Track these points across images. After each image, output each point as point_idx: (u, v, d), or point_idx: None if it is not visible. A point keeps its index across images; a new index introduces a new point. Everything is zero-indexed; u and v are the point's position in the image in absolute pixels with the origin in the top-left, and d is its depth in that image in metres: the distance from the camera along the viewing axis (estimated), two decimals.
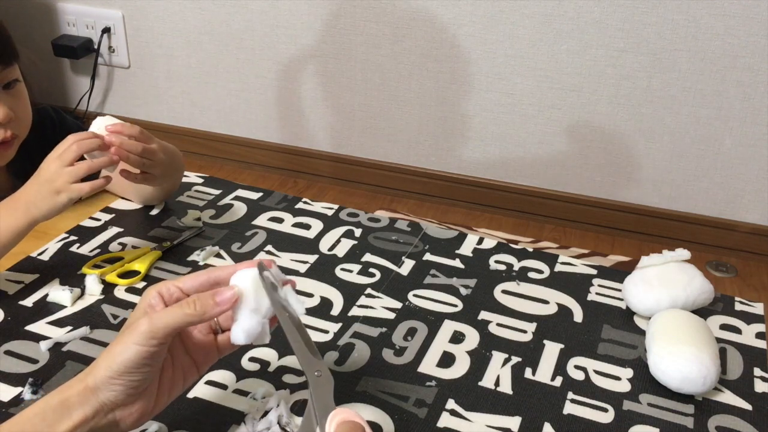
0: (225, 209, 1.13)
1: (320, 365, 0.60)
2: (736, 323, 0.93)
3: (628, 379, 0.82)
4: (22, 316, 0.86)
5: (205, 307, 0.58)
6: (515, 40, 1.23)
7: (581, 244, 1.17)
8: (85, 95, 1.68)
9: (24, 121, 1.01)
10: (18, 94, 0.99)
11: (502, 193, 1.34)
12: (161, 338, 0.57)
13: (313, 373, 0.59)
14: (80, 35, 1.64)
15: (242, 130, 1.52)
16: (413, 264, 1.01)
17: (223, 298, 0.59)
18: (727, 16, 1.11)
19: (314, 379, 0.59)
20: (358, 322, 0.89)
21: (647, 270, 0.92)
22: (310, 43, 1.38)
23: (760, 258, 1.20)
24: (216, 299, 0.59)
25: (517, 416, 0.76)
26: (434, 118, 1.35)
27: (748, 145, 1.19)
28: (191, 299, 0.59)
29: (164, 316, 0.57)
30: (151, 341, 0.57)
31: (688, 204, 1.26)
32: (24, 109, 1.00)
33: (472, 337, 0.87)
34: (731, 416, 0.77)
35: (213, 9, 1.44)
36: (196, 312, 0.58)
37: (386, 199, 1.31)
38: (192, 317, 0.58)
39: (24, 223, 0.87)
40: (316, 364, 0.60)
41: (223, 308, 0.59)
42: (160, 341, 0.57)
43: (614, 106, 1.23)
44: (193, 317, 0.58)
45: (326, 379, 0.59)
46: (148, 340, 0.56)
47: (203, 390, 0.76)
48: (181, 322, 0.58)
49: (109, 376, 0.57)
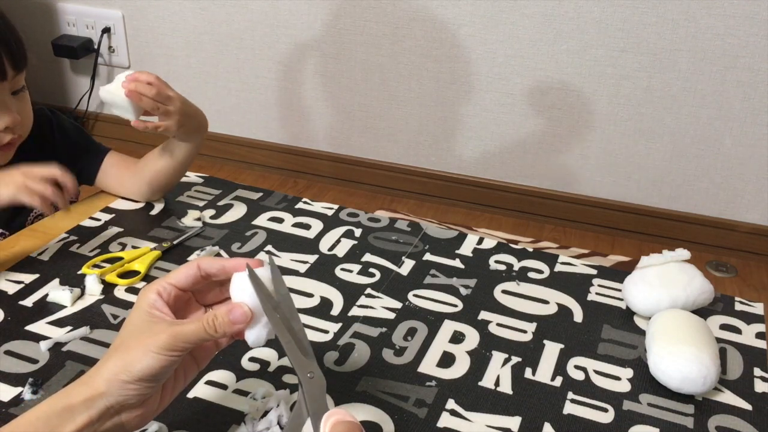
0: (225, 209, 1.13)
1: (312, 366, 0.59)
2: (736, 323, 0.93)
3: (628, 379, 0.82)
4: (22, 316, 0.86)
5: (224, 327, 0.60)
6: (515, 40, 1.23)
7: (581, 244, 1.17)
8: (85, 95, 1.68)
9: (27, 124, 1.02)
10: (24, 98, 1.00)
11: (502, 193, 1.34)
12: (181, 351, 0.58)
13: (306, 375, 0.59)
14: (80, 35, 1.64)
15: (242, 130, 1.52)
16: (413, 264, 1.01)
17: (236, 317, 0.61)
18: (727, 16, 1.11)
19: (307, 380, 0.58)
20: (358, 322, 0.89)
21: (647, 270, 0.92)
22: (310, 43, 1.38)
23: (760, 258, 1.20)
24: (231, 318, 0.61)
25: (517, 416, 0.76)
26: (434, 118, 1.35)
27: (748, 145, 1.18)
28: (211, 318, 0.60)
29: (187, 332, 0.59)
30: (172, 353, 0.58)
31: (688, 204, 1.26)
32: (28, 113, 1.02)
33: (472, 337, 0.87)
34: (731, 416, 0.77)
35: (213, 9, 1.44)
36: (217, 333, 0.60)
37: (386, 199, 1.31)
38: (212, 336, 0.60)
39: None
40: (309, 365, 0.59)
41: (239, 327, 0.61)
42: (180, 353, 0.58)
43: (614, 106, 1.23)
44: (213, 336, 0.60)
45: (319, 380, 0.59)
46: (168, 352, 0.58)
47: (203, 390, 0.76)
48: (202, 340, 0.60)
49: (125, 381, 0.57)
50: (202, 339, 0.60)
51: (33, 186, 0.88)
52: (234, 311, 0.61)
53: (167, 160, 1.08)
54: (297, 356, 0.60)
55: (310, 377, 0.59)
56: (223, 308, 0.61)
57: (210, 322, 0.60)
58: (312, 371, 0.59)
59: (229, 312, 0.61)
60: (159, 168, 1.08)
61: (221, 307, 0.62)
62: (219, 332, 0.60)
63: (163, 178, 1.10)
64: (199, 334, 0.59)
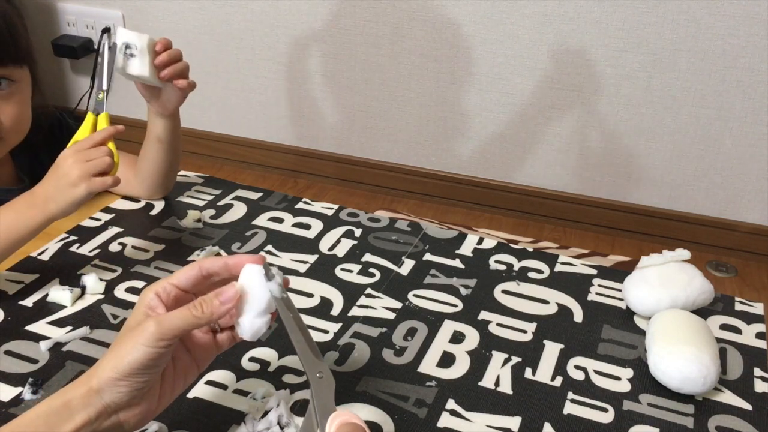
0: (225, 209, 1.13)
1: (322, 367, 0.60)
2: (736, 323, 0.93)
3: (628, 379, 0.82)
4: (22, 316, 0.86)
5: (212, 308, 0.59)
6: (515, 40, 1.23)
7: (581, 244, 1.17)
8: (85, 95, 1.67)
9: (11, 125, 0.95)
10: (7, 96, 0.94)
11: (502, 193, 1.34)
12: (169, 340, 0.57)
13: (315, 375, 0.59)
14: (80, 35, 1.63)
15: (242, 130, 1.52)
16: (413, 264, 1.01)
17: (227, 296, 0.60)
18: (727, 16, 1.11)
19: (316, 380, 0.59)
20: (358, 322, 0.89)
21: (647, 270, 0.92)
22: (310, 43, 1.38)
23: (760, 258, 1.20)
24: (220, 299, 0.59)
25: (517, 416, 0.76)
26: (434, 118, 1.35)
27: (748, 145, 1.18)
28: (197, 302, 0.59)
29: (172, 318, 0.58)
30: (159, 343, 0.57)
31: (688, 204, 1.26)
32: (11, 114, 0.95)
33: (472, 337, 0.87)
34: (731, 416, 0.77)
35: (213, 9, 1.44)
36: (204, 314, 0.58)
37: (386, 199, 1.31)
38: (200, 320, 0.58)
39: (42, 219, 0.87)
40: (318, 365, 0.60)
41: (228, 307, 0.60)
42: (168, 343, 0.57)
43: (614, 106, 1.23)
44: (200, 319, 0.58)
45: (328, 381, 0.59)
46: (156, 342, 0.57)
47: (203, 390, 0.76)
48: (189, 325, 0.58)
49: (115, 378, 0.57)
50: (190, 323, 0.58)
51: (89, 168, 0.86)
52: (224, 291, 0.60)
53: (158, 147, 1.06)
54: (308, 356, 0.60)
55: (319, 377, 0.59)
56: (212, 291, 0.60)
57: (197, 305, 0.59)
58: (321, 371, 0.59)
59: (217, 294, 0.60)
60: (154, 157, 1.07)
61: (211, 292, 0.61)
62: (206, 313, 0.59)
63: (162, 168, 1.09)
64: (187, 319, 0.58)
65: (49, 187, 0.87)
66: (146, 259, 0.99)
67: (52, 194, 0.86)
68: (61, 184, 0.86)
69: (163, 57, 0.96)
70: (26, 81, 0.97)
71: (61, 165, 0.87)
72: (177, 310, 0.59)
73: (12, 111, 0.95)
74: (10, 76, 0.94)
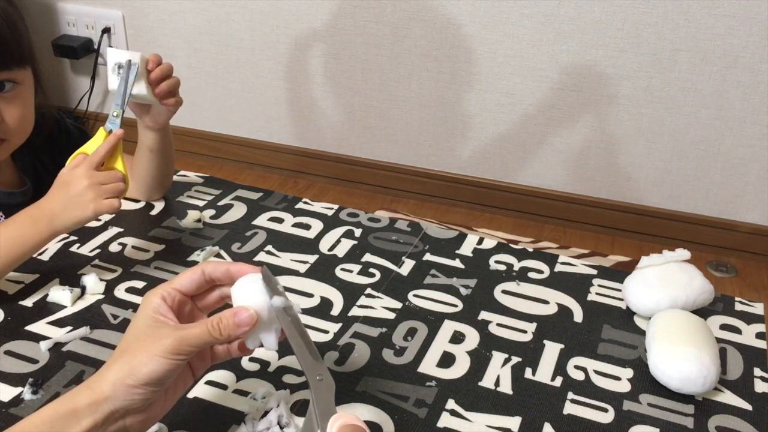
0: (225, 209, 1.13)
1: (322, 369, 0.60)
2: (736, 323, 0.93)
3: (628, 379, 0.82)
4: (22, 316, 0.86)
5: (229, 329, 0.60)
6: (515, 40, 1.23)
7: (581, 244, 1.17)
8: (85, 95, 1.67)
9: (15, 126, 0.94)
10: (11, 98, 0.93)
11: (502, 193, 1.34)
12: (186, 355, 0.58)
13: (315, 377, 0.59)
14: (80, 35, 1.63)
15: (242, 130, 1.52)
16: (413, 264, 1.01)
17: (242, 320, 0.60)
18: (727, 16, 1.11)
19: (316, 383, 0.59)
20: (358, 322, 0.89)
21: (647, 270, 0.92)
22: (310, 43, 1.38)
23: (760, 258, 1.20)
24: (236, 321, 0.60)
25: (517, 416, 0.76)
26: (434, 118, 1.35)
27: (748, 145, 1.18)
28: (215, 321, 0.60)
29: (190, 335, 0.59)
30: (177, 357, 0.58)
31: (688, 204, 1.26)
32: (15, 115, 0.94)
33: (472, 337, 0.87)
34: (731, 416, 0.77)
35: (213, 9, 1.43)
36: (221, 337, 0.60)
37: (386, 199, 1.31)
38: (217, 340, 0.60)
39: (46, 235, 0.87)
40: (318, 367, 0.60)
41: (245, 330, 0.61)
42: (185, 357, 0.58)
43: (614, 106, 1.23)
44: (218, 340, 0.60)
45: (328, 384, 0.59)
46: (174, 356, 0.58)
47: (203, 390, 0.76)
48: (206, 343, 0.60)
49: (131, 385, 0.57)
50: (207, 342, 0.60)
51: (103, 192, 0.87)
52: (239, 314, 0.61)
53: (150, 157, 1.07)
54: (307, 359, 0.60)
55: (319, 380, 0.59)
56: (228, 311, 0.61)
57: (215, 325, 0.60)
58: (321, 374, 0.59)
59: (234, 315, 0.60)
60: (147, 166, 1.08)
61: (226, 311, 0.62)
62: (224, 335, 0.60)
63: (155, 173, 1.09)
64: (204, 338, 0.59)
65: (57, 203, 0.87)
66: (146, 259, 0.99)
67: (59, 212, 0.86)
68: (72, 203, 0.86)
69: (156, 73, 0.97)
70: (29, 82, 0.97)
71: (73, 185, 0.86)
72: (196, 327, 0.60)
73: (16, 112, 0.94)
74: (14, 77, 0.93)
